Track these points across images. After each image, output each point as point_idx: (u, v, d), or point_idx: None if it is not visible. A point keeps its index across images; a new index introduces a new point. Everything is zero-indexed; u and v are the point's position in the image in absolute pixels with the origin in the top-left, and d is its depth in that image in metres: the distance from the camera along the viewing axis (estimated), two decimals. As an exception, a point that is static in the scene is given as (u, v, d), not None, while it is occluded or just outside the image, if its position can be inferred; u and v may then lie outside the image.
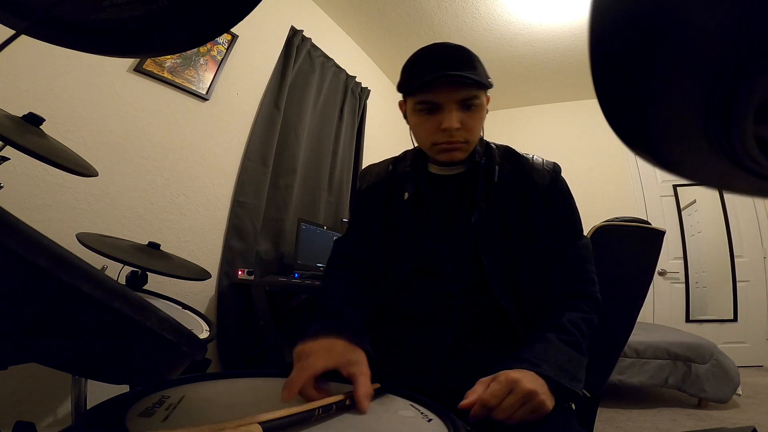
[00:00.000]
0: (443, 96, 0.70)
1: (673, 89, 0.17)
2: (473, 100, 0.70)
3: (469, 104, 0.71)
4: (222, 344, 1.89)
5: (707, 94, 0.16)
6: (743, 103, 0.16)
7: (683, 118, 0.19)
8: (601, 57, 0.18)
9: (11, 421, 0.35)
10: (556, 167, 0.80)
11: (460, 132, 0.71)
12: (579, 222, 0.78)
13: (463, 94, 0.70)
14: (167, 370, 0.36)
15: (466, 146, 0.74)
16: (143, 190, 1.65)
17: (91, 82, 1.49)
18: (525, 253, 0.74)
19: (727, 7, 0.14)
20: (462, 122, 0.71)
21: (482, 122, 0.75)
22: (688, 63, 0.16)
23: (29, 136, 0.85)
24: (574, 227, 0.77)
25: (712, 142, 0.18)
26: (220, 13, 0.31)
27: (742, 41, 0.14)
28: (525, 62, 3.26)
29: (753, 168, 0.19)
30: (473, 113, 0.71)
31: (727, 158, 0.19)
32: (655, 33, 0.16)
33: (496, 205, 0.76)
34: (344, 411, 0.47)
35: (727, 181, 0.23)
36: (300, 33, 2.39)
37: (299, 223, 2.11)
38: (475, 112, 0.72)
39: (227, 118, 2.02)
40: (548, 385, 0.55)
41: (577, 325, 0.66)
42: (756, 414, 2.03)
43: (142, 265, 1.06)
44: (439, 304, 0.75)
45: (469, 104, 0.71)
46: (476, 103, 0.71)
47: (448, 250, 0.76)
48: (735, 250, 3.24)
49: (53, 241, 0.21)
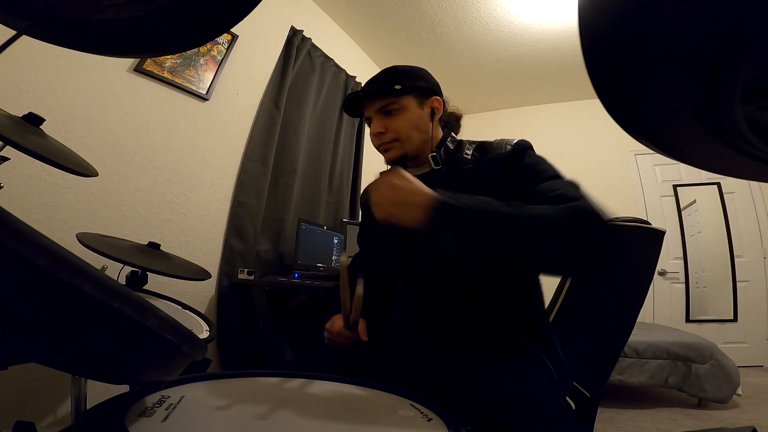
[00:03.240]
0: (367, 110, 0.85)
1: (662, 77, 0.18)
2: (390, 106, 0.82)
3: (389, 110, 0.82)
4: (222, 344, 1.89)
5: (693, 79, 0.17)
6: (728, 86, 0.17)
7: (675, 104, 0.19)
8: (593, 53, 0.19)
9: (11, 421, 0.35)
10: (520, 141, 0.80)
11: (386, 135, 0.83)
12: (553, 169, 0.74)
13: (378, 104, 0.83)
14: (167, 370, 0.36)
15: (397, 144, 0.83)
16: (143, 190, 1.65)
17: (91, 82, 1.49)
18: None
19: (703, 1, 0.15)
20: (385, 126, 0.82)
21: (413, 122, 0.83)
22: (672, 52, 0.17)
23: (29, 136, 0.85)
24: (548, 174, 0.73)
25: (705, 125, 0.19)
26: (220, 13, 0.31)
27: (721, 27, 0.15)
28: (525, 62, 3.25)
29: (748, 150, 0.20)
30: (395, 117, 0.82)
31: (722, 140, 0.19)
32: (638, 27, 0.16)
33: (461, 191, 0.75)
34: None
35: (724, 164, 0.24)
36: (300, 33, 2.39)
37: (299, 223, 2.11)
38: (397, 115, 0.82)
39: (227, 118, 2.02)
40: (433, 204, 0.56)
41: (534, 208, 0.60)
42: (756, 414, 2.03)
43: (142, 265, 1.06)
44: (422, 301, 0.79)
45: (389, 110, 0.82)
46: (394, 107, 0.82)
47: (422, 248, 0.82)
48: (735, 250, 3.24)
49: (53, 241, 0.21)
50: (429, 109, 0.85)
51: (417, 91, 0.84)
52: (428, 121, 0.84)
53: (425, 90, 0.85)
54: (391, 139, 0.83)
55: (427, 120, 0.84)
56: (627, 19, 0.16)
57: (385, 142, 0.83)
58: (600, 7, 0.17)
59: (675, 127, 0.21)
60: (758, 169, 0.22)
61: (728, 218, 3.28)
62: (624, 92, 0.20)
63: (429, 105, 0.85)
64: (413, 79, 0.84)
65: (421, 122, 0.83)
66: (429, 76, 0.88)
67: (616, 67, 0.19)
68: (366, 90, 0.84)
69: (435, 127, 0.86)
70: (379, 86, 0.84)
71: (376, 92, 0.83)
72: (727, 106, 0.17)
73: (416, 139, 0.83)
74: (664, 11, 0.15)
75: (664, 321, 3.18)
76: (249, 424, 0.43)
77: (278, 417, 0.45)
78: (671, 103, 0.19)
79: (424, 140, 0.84)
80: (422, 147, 0.84)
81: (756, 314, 3.13)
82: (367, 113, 0.86)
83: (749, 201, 3.28)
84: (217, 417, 0.44)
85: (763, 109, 0.18)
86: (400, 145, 0.83)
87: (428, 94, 0.85)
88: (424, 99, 0.84)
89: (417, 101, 0.83)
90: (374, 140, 0.86)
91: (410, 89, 0.83)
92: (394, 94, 0.81)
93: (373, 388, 0.59)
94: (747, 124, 0.18)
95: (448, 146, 0.86)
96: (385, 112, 0.83)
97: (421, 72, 0.87)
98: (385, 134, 0.83)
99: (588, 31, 0.18)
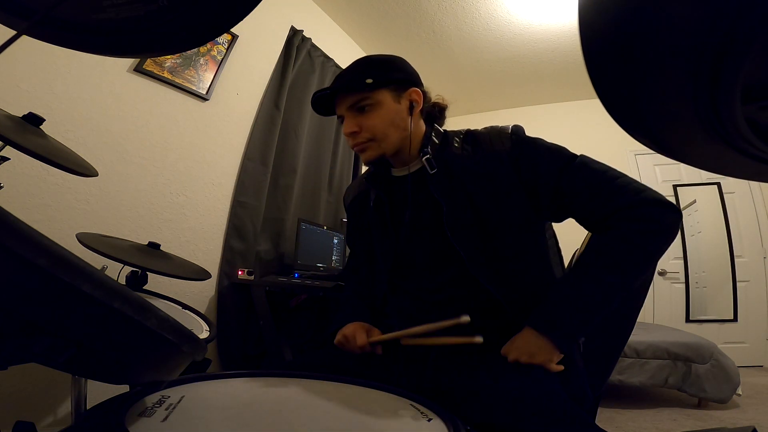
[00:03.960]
0: (339, 108, 0.77)
1: (662, 77, 0.18)
2: (362, 102, 0.74)
3: (361, 107, 0.74)
4: (222, 344, 1.89)
5: (693, 79, 0.17)
6: (728, 85, 0.17)
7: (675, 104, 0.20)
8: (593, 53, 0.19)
9: (11, 421, 0.35)
10: (515, 128, 0.78)
11: (361, 134, 0.75)
12: (562, 149, 0.75)
13: (349, 100, 0.74)
14: (167, 370, 0.36)
15: (374, 144, 0.76)
16: (143, 190, 1.65)
17: (91, 82, 1.49)
18: (504, 229, 0.73)
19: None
20: (359, 125, 0.75)
21: (389, 118, 0.76)
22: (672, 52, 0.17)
23: (29, 136, 0.85)
24: (560, 157, 0.73)
25: (705, 124, 0.19)
26: (220, 13, 0.31)
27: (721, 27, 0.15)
28: (525, 62, 3.25)
29: (748, 150, 0.20)
30: (369, 114, 0.75)
31: (722, 140, 0.20)
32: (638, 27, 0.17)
33: (462, 192, 0.75)
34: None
35: (724, 164, 0.24)
36: (300, 33, 2.39)
37: (299, 223, 2.11)
38: (370, 112, 0.75)
39: (227, 118, 2.02)
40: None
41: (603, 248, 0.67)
42: (756, 414, 2.02)
43: (142, 265, 1.06)
44: (420, 307, 0.76)
45: (361, 107, 0.74)
46: (368, 103, 0.74)
47: (418, 249, 0.78)
48: (735, 250, 3.24)
49: (53, 241, 0.21)
50: (407, 102, 0.77)
51: (392, 84, 0.75)
52: (406, 116, 0.77)
53: (401, 82, 0.77)
54: (366, 139, 0.76)
55: (405, 115, 0.77)
56: (627, 19, 0.16)
57: (360, 142, 0.76)
58: (600, 7, 0.17)
59: (675, 127, 0.21)
60: (758, 169, 0.22)
61: (728, 218, 3.27)
62: (624, 92, 0.20)
63: (407, 98, 0.77)
64: (387, 70, 0.76)
65: (398, 118, 0.76)
66: (405, 65, 0.80)
67: (616, 66, 0.19)
68: (334, 87, 0.75)
69: (416, 122, 0.79)
70: (349, 81, 0.75)
71: (346, 88, 0.74)
72: (727, 106, 0.17)
73: (394, 137, 0.76)
74: (665, 11, 0.15)
75: (664, 321, 3.18)
76: (249, 424, 0.43)
77: (278, 417, 0.45)
78: (671, 102, 0.19)
79: (403, 137, 0.77)
80: (401, 144, 0.78)
81: (756, 314, 3.13)
82: (339, 111, 0.78)
83: (749, 201, 3.28)
84: (217, 417, 0.44)
85: (763, 109, 0.18)
86: (377, 144, 0.76)
87: (405, 86, 0.77)
88: (400, 92, 0.77)
89: (393, 95, 0.76)
90: (349, 140, 0.79)
91: (384, 82, 0.74)
92: (366, 88, 0.73)
93: (373, 388, 0.59)
94: (747, 124, 0.18)
95: (434, 141, 0.79)
96: (358, 109, 0.75)
97: (396, 62, 0.79)
98: (360, 133, 0.75)
99: (588, 31, 0.18)
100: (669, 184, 3.47)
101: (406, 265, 0.80)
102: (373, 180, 0.85)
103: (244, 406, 0.48)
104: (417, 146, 0.80)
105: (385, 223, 0.83)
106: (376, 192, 0.85)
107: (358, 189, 0.94)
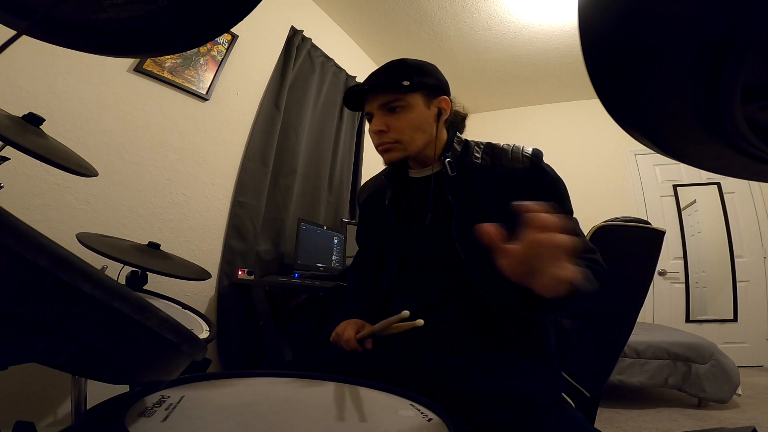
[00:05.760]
0: (369, 105, 0.79)
1: (662, 76, 0.18)
2: (395, 103, 0.75)
3: (393, 107, 0.76)
4: (222, 344, 1.89)
5: (693, 79, 0.17)
6: (728, 85, 0.17)
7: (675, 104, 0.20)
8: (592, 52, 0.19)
9: (11, 421, 0.35)
10: (535, 152, 0.79)
11: (388, 134, 0.77)
12: (569, 204, 0.77)
13: (382, 99, 0.76)
14: (167, 370, 0.36)
15: (399, 146, 0.78)
16: (143, 190, 1.65)
17: (91, 82, 1.49)
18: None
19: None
20: (388, 125, 0.76)
21: (417, 123, 0.77)
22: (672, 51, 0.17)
23: (29, 136, 0.85)
24: (563, 208, 0.75)
25: (705, 124, 0.19)
26: (220, 13, 0.31)
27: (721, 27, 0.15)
28: (525, 62, 3.25)
29: (748, 149, 0.20)
30: (399, 115, 0.76)
31: (722, 140, 0.20)
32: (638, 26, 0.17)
33: (474, 199, 0.76)
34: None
35: (724, 164, 0.24)
36: (300, 33, 2.39)
37: (299, 223, 2.11)
38: (401, 113, 0.76)
39: (227, 118, 2.02)
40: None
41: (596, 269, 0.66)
42: (756, 414, 2.02)
43: (142, 265, 1.06)
44: (423, 305, 0.77)
45: (393, 107, 0.76)
46: (400, 105, 0.76)
47: (428, 249, 0.79)
48: (735, 250, 3.24)
49: (53, 241, 0.21)
50: (436, 109, 0.79)
51: (426, 89, 0.77)
52: (433, 123, 0.79)
53: (434, 88, 0.79)
54: (392, 140, 0.77)
55: (432, 121, 0.79)
56: (627, 19, 0.16)
57: (386, 142, 0.78)
58: (600, 7, 0.17)
59: (675, 126, 0.21)
60: (758, 169, 0.22)
61: (728, 218, 3.28)
62: (624, 92, 0.20)
63: (437, 105, 0.79)
64: (423, 75, 0.78)
65: (426, 124, 0.78)
66: (439, 73, 0.82)
67: (615, 66, 0.19)
68: (371, 83, 0.77)
69: (440, 129, 0.81)
70: (385, 80, 0.77)
71: (382, 86, 0.76)
72: (727, 106, 0.17)
73: (419, 141, 0.78)
74: (664, 10, 0.15)
75: (664, 321, 3.18)
76: (249, 424, 0.43)
77: (278, 417, 0.45)
78: (671, 102, 0.19)
79: (426, 142, 0.79)
80: (425, 148, 0.80)
81: (756, 314, 3.13)
82: (369, 108, 0.79)
83: (749, 201, 3.28)
84: (217, 417, 0.44)
85: (763, 109, 0.18)
86: (402, 147, 0.78)
87: (436, 93, 0.79)
88: (431, 98, 0.79)
89: (424, 100, 0.78)
90: (374, 138, 0.80)
91: (419, 86, 0.76)
92: (401, 90, 0.75)
93: (373, 388, 0.59)
94: (747, 124, 0.18)
95: (455, 149, 0.81)
96: (389, 109, 0.76)
97: (430, 68, 0.81)
98: (387, 133, 0.77)
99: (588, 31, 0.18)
100: (669, 184, 3.47)
101: (414, 264, 0.81)
102: (393, 179, 0.87)
103: (244, 406, 0.48)
104: (439, 152, 0.82)
105: (399, 222, 0.84)
106: (393, 191, 0.86)
107: (374, 187, 0.96)
